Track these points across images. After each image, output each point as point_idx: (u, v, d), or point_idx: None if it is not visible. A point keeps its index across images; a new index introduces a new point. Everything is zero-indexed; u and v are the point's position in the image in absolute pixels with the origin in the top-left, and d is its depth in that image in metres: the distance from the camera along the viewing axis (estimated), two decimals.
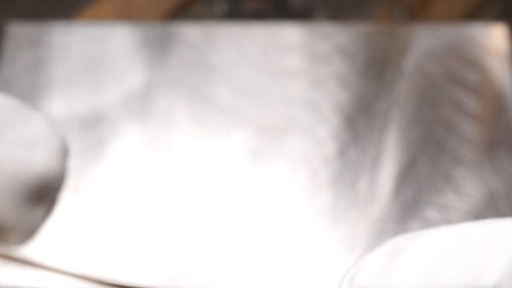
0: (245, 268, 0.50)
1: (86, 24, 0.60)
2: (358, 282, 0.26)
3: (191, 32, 0.60)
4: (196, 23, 0.60)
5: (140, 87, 0.57)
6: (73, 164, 0.53)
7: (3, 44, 0.59)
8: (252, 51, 0.59)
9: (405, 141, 0.55)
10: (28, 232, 0.26)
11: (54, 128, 0.27)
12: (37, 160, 0.24)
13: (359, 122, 0.55)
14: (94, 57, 0.58)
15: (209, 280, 0.49)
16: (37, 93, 0.57)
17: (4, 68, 0.58)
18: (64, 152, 0.26)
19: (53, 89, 0.57)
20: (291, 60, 0.58)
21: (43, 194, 0.25)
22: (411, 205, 0.52)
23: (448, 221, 0.51)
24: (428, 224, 0.51)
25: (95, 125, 0.55)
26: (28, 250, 0.48)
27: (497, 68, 0.58)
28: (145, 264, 0.50)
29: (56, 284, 0.43)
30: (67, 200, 0.52)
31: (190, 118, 0.56)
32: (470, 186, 0.52)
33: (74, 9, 0.63)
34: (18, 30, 0.59)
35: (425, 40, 0.59)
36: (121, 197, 0.52)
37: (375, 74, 0.58)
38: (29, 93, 0.57)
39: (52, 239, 0.50)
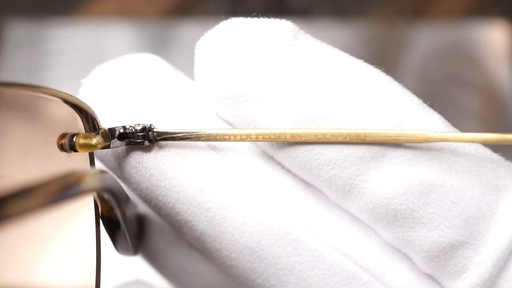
0: None
1: (84, 21, 0.59)
2: None
3: (191, 31, 0.59)
4: (196, 22, 0.60)
5: None
6: None
7: (2, 41, 0.59)
8: None
9: None
10: None
11: None
12: None
13: None
14: (93, 55, 0.58)
15: None
16: None
17: (3, 65, 0.58)
18: None
19: (52, 87, 0.57)
20: None
21: None
22: None
23: None
24: None
25: None
26: None
27: (500, 65, 0.57)
28: None
29: None
30: None
31: None
32: None
33: (73, 5, 0.63)
34: (17, 27, 0.59)
35: (427, 37, 0.59)
36: None
37: None
38: None
39: None
